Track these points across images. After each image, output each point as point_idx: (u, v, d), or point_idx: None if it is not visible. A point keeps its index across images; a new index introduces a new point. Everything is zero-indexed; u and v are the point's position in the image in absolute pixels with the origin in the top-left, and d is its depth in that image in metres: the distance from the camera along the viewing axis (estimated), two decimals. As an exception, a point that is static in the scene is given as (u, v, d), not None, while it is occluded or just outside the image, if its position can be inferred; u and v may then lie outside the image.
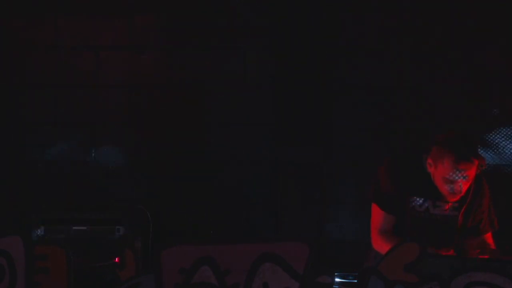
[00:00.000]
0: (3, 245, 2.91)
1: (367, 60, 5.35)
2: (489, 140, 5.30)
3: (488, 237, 4.16)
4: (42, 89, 5.46)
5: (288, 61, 5.37)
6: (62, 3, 5.44)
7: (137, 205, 5.29)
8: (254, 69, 5.41)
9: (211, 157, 5.45)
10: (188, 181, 5.44)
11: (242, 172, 5.41)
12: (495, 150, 5.29)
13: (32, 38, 5.45)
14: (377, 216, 4.13)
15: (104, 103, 5.46)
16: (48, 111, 5.46)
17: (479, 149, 4.08)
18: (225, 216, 5.38)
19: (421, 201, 4.09)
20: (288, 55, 5.37)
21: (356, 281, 3.01)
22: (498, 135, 5.30)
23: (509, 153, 5.31)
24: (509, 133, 5.31)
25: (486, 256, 3.93)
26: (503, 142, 5.29)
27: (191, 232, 5.37)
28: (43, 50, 5.45)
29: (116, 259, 4.68)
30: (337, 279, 3.54)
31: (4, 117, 5.47)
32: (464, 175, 3.93)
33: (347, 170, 5.34)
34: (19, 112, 5.47)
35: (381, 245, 4.05)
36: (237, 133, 5.43)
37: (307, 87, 5.31)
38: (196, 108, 5.44)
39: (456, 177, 3.93)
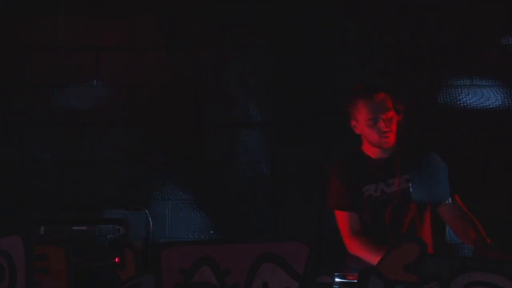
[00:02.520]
0: (3, 245, 2.91)
1: (368, 60, 5.35)
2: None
3: (457, 202, 4.19)
4: (42, 89, 5.46)
5: (288, 61, 5.37)
6: (62, 3, 5.44)
7: (137, 205, 5.29)
8: (254, 69, 5.41)
9: (211, 157, 5.45)
10: (188, 181, 5.44)
11: (242, 172, 5.41)
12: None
13: (32, 38, 5.45)
14: (343, 220, 4.20)
15: (104, 103, 5.46)
16: (48, 111, 5.46)
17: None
18: (225, 216, 5.38)
19: (374, 186, 4.15)
20: (288, 55, 5.37)
21: (356, 281, 3.01)
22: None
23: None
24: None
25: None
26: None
27: (191, 232, 5.37)
28: (43, 50, 5.45)
29: (116, 259, 4.68)
30: (337, 279, 3.54)
31: (4, 117, 5.47)
32: (380, 108, 4.06)
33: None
34: (19, 112, 5.47)
35: (356, 249, 4.12)
36: (237, 133, 5.43)
37: (307, 87, 5.31)
38: (196, 108, 5.44)
39: (374, 114, 4.07)
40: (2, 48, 5.45)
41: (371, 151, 4.22)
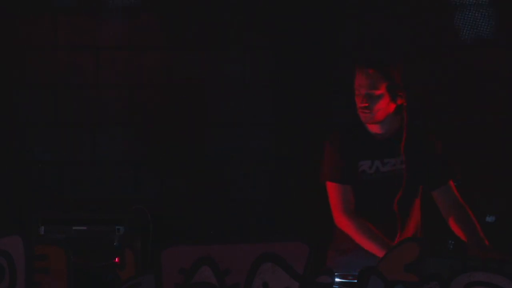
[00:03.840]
0: (3, 245, 2.91)
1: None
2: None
3: (451, 187, 4.17)
4: (42, 89, 5.46)
5: (288, 61, 5.37)
6: (62, 3, 5.44)
7: (137, 205, 5.29)
8: (254, 69, 5.41)
9: (211, 157, 5.45)
10: (188, 181, 5.44)
11: (242, 172, 5.42)
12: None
13: (32, 38, 5.45)
14: (335, 192, 4.14)
15: (104, 103, 5.46)
16: (48, 111, 5.46)
17: (393, 69, 4.11)
18: (225, 216, 5.39)
19: (369, 162, 4.12)
20: (288, 55, 5.37)
21: (356, 281, 3.02)
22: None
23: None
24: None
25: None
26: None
27: (191, 232, 5.37)
28: (43, 50, 5.46)
29: (116, 259, 4.68)
30: (337, 279, 3.54)
31: (4, 117, 5.47)
32: (366, 83, 4.03)
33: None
34: (19, 112, 5.47)
35: (344, 225, 4.08)
36: (237, 133, 5.43)
37: (307, 87, 5.31)
38: (196, 108, 5.44)
39: (358, 87, 4.05)
40: (2, 48, 5.45)
41: (374, 128, 4.16)
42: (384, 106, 4.09)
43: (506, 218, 5.24)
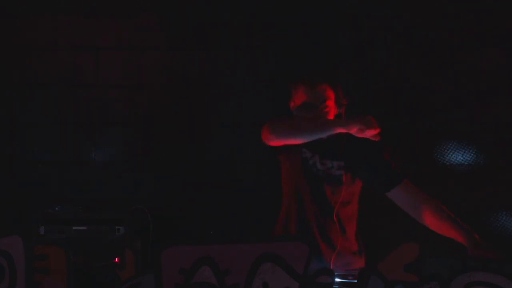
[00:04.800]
0: (3, 245, 2.91)
1: (368, 60, 5.35)
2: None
3: (408, 185, 4.11)
4: (42, 89, 5.46)
5: (288, 61, 5.37)
6: (62, 3, 5.44)
7: (137, 205, 5.29)
8: (254, 69, 5.41)
9: (211, 157, 5.45)
10: (188, 181, 5.44)
11: (242, 172, 5.42)
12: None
13: (32, 38, 5.45)
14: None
15: (104, 103, 5.46)
16: (48, 111, 5.46)
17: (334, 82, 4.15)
18: (225, 216, 5.39)
19: (309, 154, 4.13)
20: (287, 55, 5.37)
21: (356, 281, 3.01)
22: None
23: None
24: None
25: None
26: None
27: (191, 232, 5.37)
28: (43, 50, 5.46)
29: (116, 259, 4.68)
30: (337, 279, 3.54)
31: (4, 117, 5.48)
32: (319, 97, 4.05)
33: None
34: (19, 112, 5.47)
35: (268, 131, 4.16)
36: (237, 133, 5.43)
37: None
38: (196, 108, 5.44)
39: (310, 101, 4.05)
40: (2, 48, 5.45)
41: None
42: (333, 117, 4.11)
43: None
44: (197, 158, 5.45)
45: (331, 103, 4.09)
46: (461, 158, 5.32)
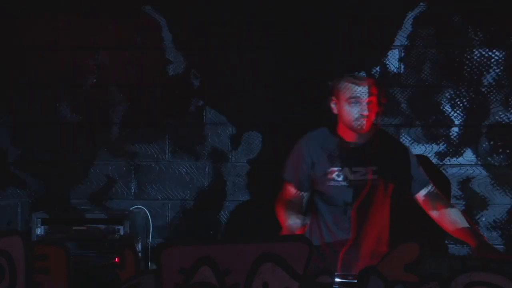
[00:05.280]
0: (3, 245, 2.91)
1: (368, 59, 5.35)
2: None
3: (434, 188, 4.23)
4: (42, 89, 5.46)
5: (288, 61, 5.37)
6: (62, 3, 5.44)
7: (137, 205, 5.29)
8: (254, 69, 5.41)
9: (211, 157, 5.45)
10: (188, 181, 5.44)
11: (242, 172, 5.41)
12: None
13: (32, 38, 5.45)
14: (286, 190, 4.31)
15: (104, 103, 5.46)
16: (48, 111, 5.46)
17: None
18: (225, 216, 5.39)
19: (338, 170, 4.19)
20: (288, 54, 5.37)
21: (356, 281, 3.01)
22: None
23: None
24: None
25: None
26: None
27: (191, 232, 5.37)
28: (43, 50, 5.46)
29: (116, 259, 4.68)
30: (337, 279, 3.54)
31: (4, 117, 5.47)
32: (365, 91, 4.10)
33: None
34: (19, 112, 5.47)
35: (278, 213, 4.22)
36: (237, 133, 5.43)
37: (307, 87, 5.31)
38: (196, 108, 5.44)
39: (358, 94, 4.10)
40: (2, 48, 5.45)
41: (346, 134, 4.23)
42: (374, 116, 4.17)
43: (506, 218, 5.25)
44: (196, 158, 5.45)
45: (374, 99, 4.15)
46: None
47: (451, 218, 4.15)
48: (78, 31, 5.45)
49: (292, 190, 4.31)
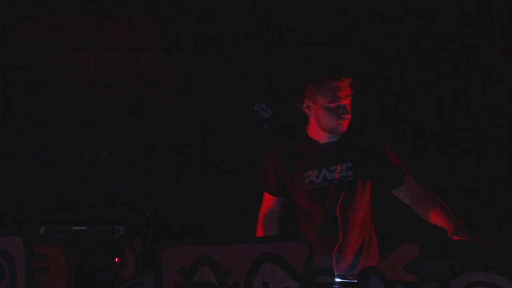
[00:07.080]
0: (3, 245, 2.91)
1: (368, 59, 5.35)
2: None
3: (410, 181, 4.15)
4: (42, 89, 5.46)
5: (288, 61, 5.37)
6: (62, 3, 5.44)
7: (137, 205, 5.29)
8: (254, 68, 5.41)
9: (211, 157, 5.45)
10: (188, 181, 5.44)
11: (242, 172, 5.41)
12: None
13: (32, 38, 5.45)
14: (264, 200, 4.38)
15: (104, 103, 5.46)
16: (48, 111, 5.46)
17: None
18: (225, 216, 5.39)
19: (316, 172, 4.14)
20: (288, 54, 5.37)
21: (356, 281, 3.02)
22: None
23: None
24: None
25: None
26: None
27: (191, 232, 5.37)
28: (43, 50, 5.45)
29: (116, 259, 4.68)
30: (337, 279, 3.54)
31: (4, 117, 5.47)
32: (346, 95, 4.03)
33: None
34: (19, 112, 5.47)
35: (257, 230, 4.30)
36: (237, 133, 5.43)
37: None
38: (196, 108, 5.44)
39: (339, 98, 4.01)
40: (2, 48, 5.45)
41: (319, 135, 4.17)
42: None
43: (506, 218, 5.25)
44: (197, 158, 5.45)
45: (351, 98, 4.08)
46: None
47: (426, 204, 4.07)
48: (78, 31, 5.44)
49: (268, 198, 4.36)
